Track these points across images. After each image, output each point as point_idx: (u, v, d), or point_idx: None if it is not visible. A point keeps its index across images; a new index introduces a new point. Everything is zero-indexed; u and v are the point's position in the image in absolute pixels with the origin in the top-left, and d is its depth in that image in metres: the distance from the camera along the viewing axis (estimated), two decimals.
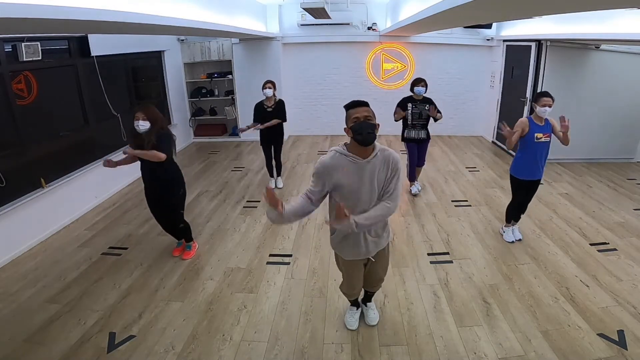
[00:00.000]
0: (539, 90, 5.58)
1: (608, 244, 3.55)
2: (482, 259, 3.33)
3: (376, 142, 1.99)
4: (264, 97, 4.63)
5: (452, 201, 4.54)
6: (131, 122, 2.92)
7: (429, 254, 3.42)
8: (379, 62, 7.34)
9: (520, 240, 3.61)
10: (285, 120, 4.78)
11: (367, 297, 2.64)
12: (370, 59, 7.33)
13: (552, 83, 5.53)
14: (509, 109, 6.28)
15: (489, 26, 6.76)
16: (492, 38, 6.91)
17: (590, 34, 4.08)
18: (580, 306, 2.71)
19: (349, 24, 7.04)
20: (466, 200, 4.54)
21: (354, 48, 7.26)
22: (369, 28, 7.08)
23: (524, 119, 3.25)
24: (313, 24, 6.90)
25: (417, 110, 4.41)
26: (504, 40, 6.55)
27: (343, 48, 7.24)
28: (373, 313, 2.63)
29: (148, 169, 3.08)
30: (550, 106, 3.12)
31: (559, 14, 4.11)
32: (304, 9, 5.09)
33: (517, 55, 6.12)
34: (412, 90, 4.43)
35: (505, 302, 2.78)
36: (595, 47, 5.39)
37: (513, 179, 3.43)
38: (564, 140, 3.18)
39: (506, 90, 6.57)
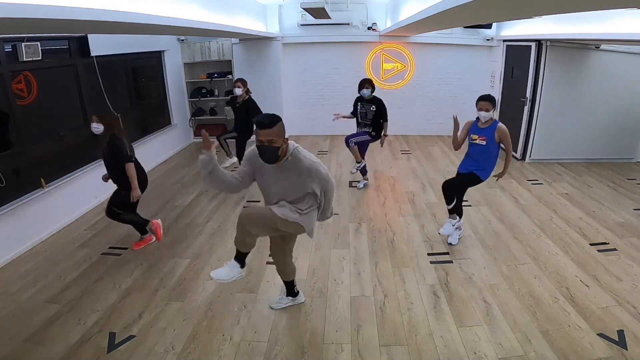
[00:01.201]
0: (538, 93, 5.61)
1: (608, 244, 3.55)
2: (482, 259, 3.33)
3: (292, 144, 2.19)
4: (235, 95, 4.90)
5: None
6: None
7: (429, 254, 3.42)
8: (379, 62, 7.34)
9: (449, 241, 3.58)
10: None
11: (290, 290, 2.73)
12: (370, 59, 7.33)
13: (552, 83, 5.54)
14: (509, 109, 6.28)
15: (489, 26, 6.75)
16: (492, 38, 6.91)
17: (590, 34, 4.08)
18: (580, 306, 2.71)
19: (349, 24, 7.04)
20: (466, 200, 4.52)
21: (354, 48, 7.25)
22: (369, 28, 7.08)
23: (470, 120, 3.52)
24: (313, 24, 6.90)
25: (363, 110, 4.75)
26: (504, 40, 6.55)
27: (343, 48, 7.23)
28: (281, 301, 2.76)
29: (107, 167, 3.42)
30: (487, 110, 3.31)
31: (559, 14, 4.11)
32: (304, 9, 5.09)
33: (517, 55, 6.11)
34: (358, 91, 4.73)
35: (505, 302, 2.78)
36: (595, 47, 5.39)
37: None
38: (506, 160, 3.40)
39: (506, 90, 6.57)
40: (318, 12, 5.09)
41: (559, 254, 3.40)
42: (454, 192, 3.57)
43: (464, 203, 4.46)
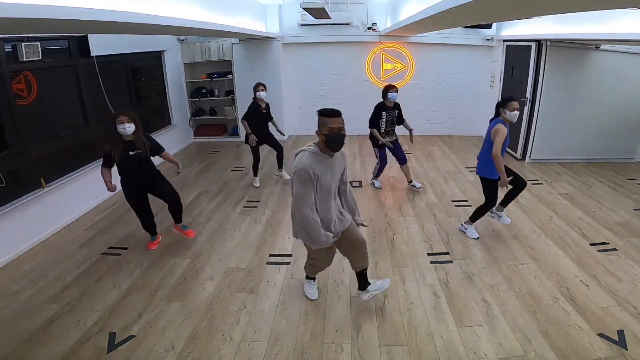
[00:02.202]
0: (538, 93, 5.60)
1: (608, 244, 3.55)
2: (482, 259, 3.33)
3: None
4: (258, 98, 4.78)
5: (452, 201, 4.54)
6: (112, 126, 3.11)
7: (429, 254, 3.42)
8: (379, 62, 7.34)
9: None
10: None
11: (362, 282, 2.67)
12: (370, 59, 7.33)
13: (552, 83, 5.54)
14: None
15: (489, 26, 6.75)
16: (492, 38, 6.91)
17: (590, 34, 4.08)
18: (580, 306, 2.71)
19: (349, 24, 7.05)
20: (466, 200, 4.54)
21: (354, 48, 7.26)
22: (369, 28, 7.08)
23: (503, 127, 3.22)
24: (313, 24, 6.90)
25: (390, 118, 4.56)
26: (504, 40, 6.55)
27: (343, 48, 7.24)
28: (368, 295, 2.70)
29: (134, 165, 3.22)
30: (519, 109, 3.20)
31: (559, 14, 4.11)
32: (304, 9, 5.09)
33: (517, 55, 6.11)
34: (384, 96, 4.52)
35: (505, 302, 2.78)
36: (595, 47, 5.39)
37: (492, 182, 3.44)
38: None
39: (506, 90, 6.56)
40: (318, 12, 5.09)
41: (559, 254, 3.40)
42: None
43: (463, 203, 4.48)
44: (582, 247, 3.50)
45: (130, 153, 3.16)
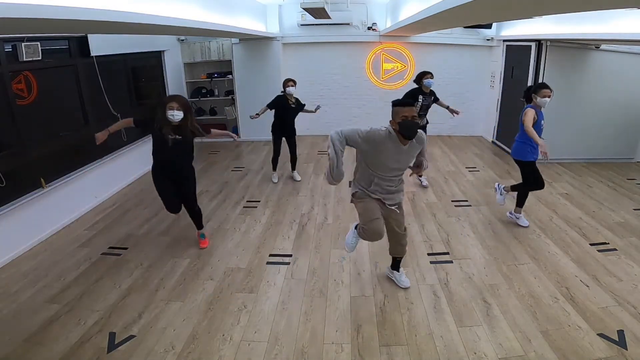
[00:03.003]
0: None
1: (608, 244, 3.55)
2: (482, 259, 3.33)
3: None
4: (288, 93, 4.85)
5: (452, 201, 4.54)
6: (163, 112, 3.05)
7: (429, 254, 3.42)
8: (379, 62, 7.34)
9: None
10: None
11: (395, 265, 2.98)
12: (370, 59, 7.33)
13: (552, 83, 5.40)
14: (509, 109, 6.28)
15: (489, 26, 6.75)
16: (492, 38, 6.91)
17: (590, 34, 4.08)
18: (580, 306, 2.71)
19: (349, 24, 7.04)
20: (466, 200, 4.54)
21: (354, 48, 7.25)
22: (369, 28, 7.08)
23: (531, 110, 3.45)
24: (313, 24, 6.90)
25: (425, 103, 4.63)
26: (504, 40, 6.55)
27: (343, 48, 7.23)
28: (403, 277, 2.97)
29: (170, 152, 3.17)
30: (550, 97, 3.44)
31: (559, 14, 4.11)
32: (304, 9, 5.09)
33: (517, 55, 6.11)
34: (419, 82, 4.60)
35: (505, 302, 2.78)
36: (595, 47, 5.39)
37: (526, 164, 3.62)
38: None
39: (506, 90, 6.57)
40: (318, 12, 5.09)
41: (559, 254, 3.40)
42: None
43: (463, 203, 4.48)
44: (582, 247, 3.51)
45: (170, 137, 3.11)
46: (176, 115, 3.03)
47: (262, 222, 4.09)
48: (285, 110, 4.90)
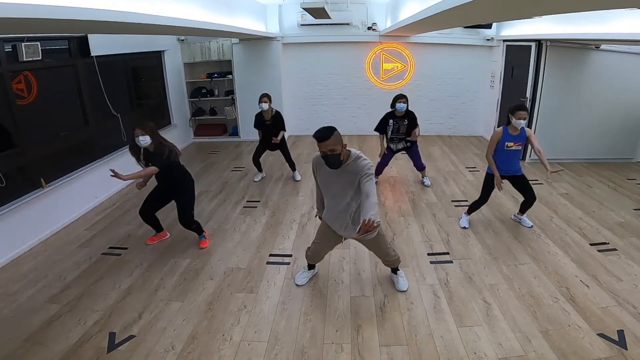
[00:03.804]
0: (538, 93, 5.60)
1: (608, 244, 3.55)
2: (482, 259, 3.33)
3: (353, 152, 2.41)
4: (262, 110, 4.82)
5: (452, 201, 4.54)
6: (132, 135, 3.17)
7: (429, 254, 3.42)
8: (379, 62, 7.34)
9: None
10: (284, 130, 5.01)
11: (393, 269, 3.01)
12: (370, 59, 7.33)
13: (552, 83, 5.54)
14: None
15: (489, 26, 6.75)
16: (492, 38, 6.90)
17: (590, 34, 4.08)
18: (580, 306, 2.71)
19: (349, 24, 7.04)
20: (466, 200, 4.54)
21: (354, 48, 7.25)
22: (369, 28, 7.08)
23: (497, 130, 3.58)
24: (313, 24, 6.90)
25: (396, 127, 4.66)
26: (504, 40, 6.55)
27: (343, 48, 7.23)
28: (401, 279, 2.98)
29: (163, 178, 3.40)
30: (525, 119, 3.44)
31: (559, 14, 4.11)
32: (304, 9, 5.09)
33: (517, 55, 6.11)
34: (393, 106, 4.62)
35: (505, 302, 2.78)
36: (595, 47, 5.39)
37: (488, 176, 3.72)
38: (542, 159, 3.46)
39: (506, 90, 6.57)
40: (318, 12, 5.08)
41: (559, 254, 3.40)
42: (528, 204, 3.83)
43: (463, 203, 4.48)
44: (582, 247, 3.51)
45: (141, 162, 3.25)
46: (142, 140, 3.11)
47: (262, 222, 4.09)
48: (262, 127, 4.94)
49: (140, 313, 2.73)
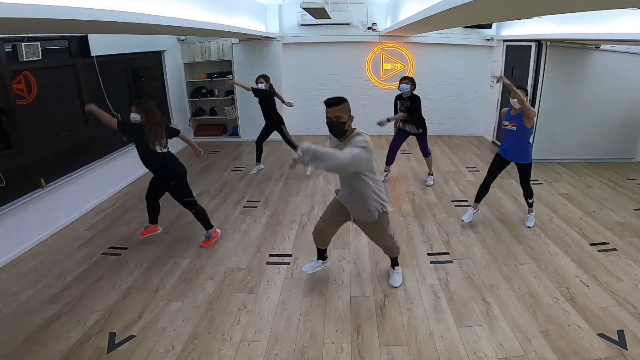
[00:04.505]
0: (538, 93, 5.60)
1: (608, 244, 3.55)
2: (482, 259, 3.33)
3: (357, 129, 2.40)
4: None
5: (452, 201, 4.54)
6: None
7: (429, 254, 3.42)
8: (379, 62, 7.34)
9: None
10: (279, 95, 5.42)
11: (392, 262, 3.05)
12: (370, 59, 7.33)
13: (552, 83, 5.53)
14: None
15: (489, 26, 6.75)
16: (492, 38, 6.90)
17: (590, 34, 4.08)
18: (580, 306, 2.71)
19: (349, 24, 7.04)
20: (466, 200, 4.54)
21: (354, 48, 7.25)
22: (369, 28, 7.08)
23: (505, 109, 3.71)
24: (313, 24, 6.90)
25: (402, 108, 4.76)
26: (504, 40, 6.55)
27: (343, 48, 7.23)
28: (396, 276, 3.00)
29: (142, 153, 3.43)
30: (515, 98, 3.41)
31: (559, 14, 4.11)
32: (304, 9, 5.09)
33: (517, 55, 6.11)
34: (399, 87, 4.76)
35: (505, 302, 2.78)
36: (595, 47, 5.39)
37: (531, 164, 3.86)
38: (525, 112, 3.39)
39: (506, 90, 6.55)
40: (318, 12, 5.09)
41: (559, 254, 3.40)
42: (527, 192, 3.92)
43: (463, 203, 4.48)
44: (582, 247, 3.51)
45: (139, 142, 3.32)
46: (132, 116, 3.22)
47: (262, 222, 4.09)
48: (261, 95, 5.25)
49: (140, 313, 2.73)
